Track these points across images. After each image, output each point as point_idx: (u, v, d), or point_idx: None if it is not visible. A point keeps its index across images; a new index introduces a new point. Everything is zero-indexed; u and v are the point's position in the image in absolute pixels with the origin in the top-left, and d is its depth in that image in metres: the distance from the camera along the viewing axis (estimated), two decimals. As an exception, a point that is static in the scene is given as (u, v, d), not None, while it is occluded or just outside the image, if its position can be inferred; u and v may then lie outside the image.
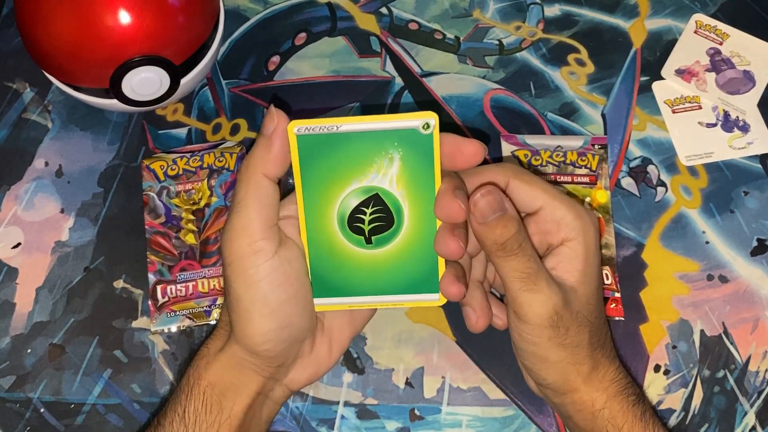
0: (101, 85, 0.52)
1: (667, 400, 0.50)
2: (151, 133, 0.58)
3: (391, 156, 0.38)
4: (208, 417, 0.41)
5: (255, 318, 0.40)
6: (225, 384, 0.42)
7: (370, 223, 0.40)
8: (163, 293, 0.52)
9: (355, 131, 0.38)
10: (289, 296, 0.40)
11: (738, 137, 0.57)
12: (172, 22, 0.51)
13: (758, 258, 0.54)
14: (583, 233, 0.42)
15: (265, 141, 0.39)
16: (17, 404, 0.50)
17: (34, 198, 0.56)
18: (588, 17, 0.63)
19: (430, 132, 0.38)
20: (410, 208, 0.40)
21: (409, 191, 0.39)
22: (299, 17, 0.63)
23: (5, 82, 0.60)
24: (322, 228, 0.40)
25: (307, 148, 0.38)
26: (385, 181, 0.39)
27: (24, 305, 0.53)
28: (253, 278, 0.39)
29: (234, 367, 0.42)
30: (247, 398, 0.42)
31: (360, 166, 0.39)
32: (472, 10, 0.63)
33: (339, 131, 0.38)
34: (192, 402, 0.42)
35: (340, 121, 0.38)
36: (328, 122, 0.38)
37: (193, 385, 0.42)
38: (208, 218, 0.54)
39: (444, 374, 0.51)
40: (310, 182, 0.39)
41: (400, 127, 0.38)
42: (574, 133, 0.58)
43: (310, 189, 0.39)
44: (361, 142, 0.38)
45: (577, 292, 0.41)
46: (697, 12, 0.62)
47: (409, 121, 0.37)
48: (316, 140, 0.38)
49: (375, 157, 0.39)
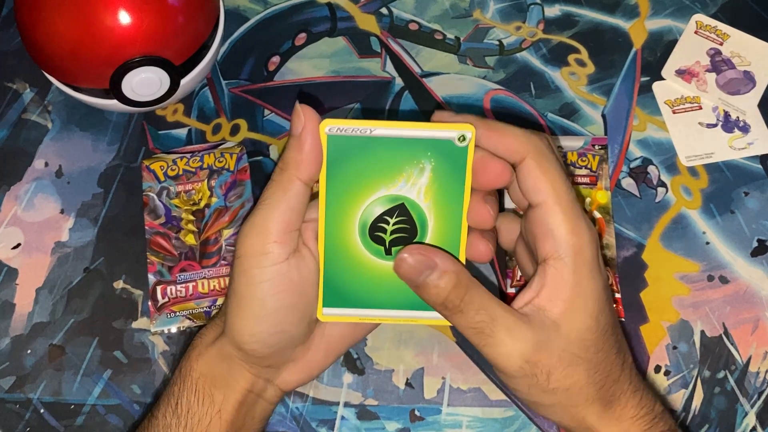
0: (101, 85, 0.52)
1: (668, 401, 0.50)
2: (151, 133, 0.58)
3: (422, 166, 0.37)
4: (200, 408, 0.41)
5: (248, 317, 0.39)
6: (215, 376, 0.41)
7: (392, 233, 0.39)
8: (163, 294, 0.52)
9: (388, 137, 0.37)
10: (288, 304, 0.39)
11: (738, 138, 0.57)
12: (172, 22, 0.51)
13: (759, 258, 0.53)
14: (575, 253, 0.36)
15: (295, 141, 0.37)
16: (17, 405, 0.50)
17: (34, 198, 0.56)
18: (588, 17, 0.62)
19: (465, 145, 0.36)
20: (435, 221, 0.38)
21: (437, 204, 0.38)
22: (299, 17, 0.63)
23: (5, 83, 0.60)
24: (342, 234, 0.39)
25: (336, 149, 0.37)
26: (413, 192, 0.38)
27: (24, 306, 0.53)
28: (256, 278, 0.38)
29: (224, 360, 0.41)
30: (238, 394, 0.42)
31: (389, 173, 0.37)
32: (473, 11, 0.63)
33: (372, 135, 0.37)
34: (184, 393, 0.41)
35: (374, 125, 0.36)
36: (362, 124, 0.36)
37: (186, 375, 0.42)
38: (208, 219, 0.54)
39: (444, 375, 0.51)
40: (335, 185, 0.38)
41: (436, 137, 0.36)
42: (575, 133, 0.58)
43: (334, 192, 0.38)
44: (393, 149, 0.37)
45: (561, 327, 0.36)
46: (697, 12, 0.62)
47: (446, 131, 0.36)
48: (347, 142, 0.37)
49: (406, 165, 0.37)
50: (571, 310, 0.36)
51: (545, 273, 0.36)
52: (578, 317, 0.36)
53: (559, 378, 0.37)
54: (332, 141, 0.37)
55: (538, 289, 0.37)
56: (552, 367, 0.36)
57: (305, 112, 0.36)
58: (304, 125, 0.36)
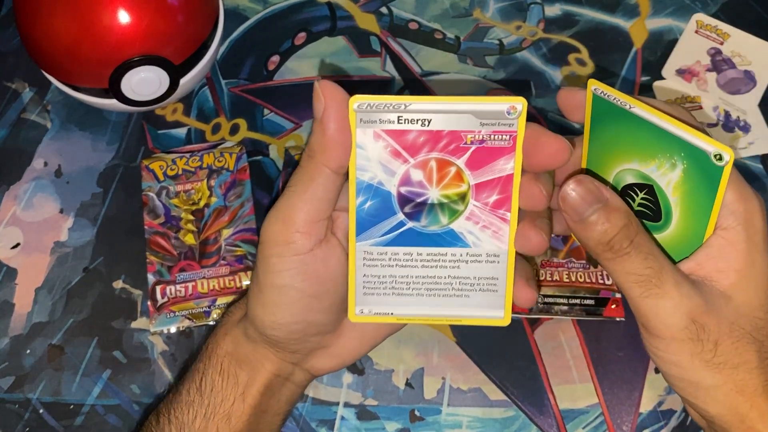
0: (100, 84, 0.52)
1: (668, 401, 0.50)
2: (151, 133, 0.58)
3: (674, 162, 0.34)
4: (224, 388, 0.40)
5: (267, 304, 0.37)
6: (240, 356, 0.41)
7: (638, 205, 0.36)
8: (163, 294, 0.52)
9: (646, 119, 0.34)
10: (313, 294, 0.37)
11: (739, 137, 0.57)
12: (171, 21, 0.51)
13: (759, 258, 0.53)
14: (746, 221, 0.32)
15: (318, 126, 0.34)
16: (16, 405, 0.50)
17: (33, 198, 0.56)
18: (589, 17, 0.62)
19: (722, 165, 0.32)
20: (680, 219, 0.35)
21: (683, 205, 0.35)
22: (299, 17, 0.63)
23: (4, 82, 0.60)
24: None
25: (598, 110, 0.35)
26: (662, 181, 0.35)
27: (23, 306, 0.53)
28: (275, 267, 0.36)
29: (249, 341, 0.40)
30: (263, 377, 0.41)
31: (643, 152, 0.35)
32: (473, 10, 0.63)
33: (631, 111, 0.34)
34: (209, 370, 0.41)
35: (629, 100, 0.34)
36: (621, 96, 0.34)
37: (212, 352, 0.41)
38: (207, 218, 0.54)
39: (444, 375, 0.51)
40: (595, 140, 0.37)
41: (693, 142, 0.33)
42: (575, 133, 0.58)
43: (593, 146, 0.37)
44: (650, 133, 0.34)
45: (732, 300, 0.32)
46: (697, 12, 0.62)
47: (704, 143, 0.33)
48: (608, 107, 0.35)
49: (659, 153, 0.34)
50: (745, 282, 0.33)
51: (710, 243, 0.33)
52: (751, 291, 0.33)
53: (728, 351, 0.32)
54: (596, 101, 0.35)
55: (701, 260, 0.33)
56: (721, 336, 0.32)
57: (325, 91, 0.33)
58: (324, 107, 0.33)
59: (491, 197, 0.36)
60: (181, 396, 0.41)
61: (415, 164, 0.36)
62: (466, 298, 0.38)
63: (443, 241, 0.37)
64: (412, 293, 0.38)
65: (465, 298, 0.38)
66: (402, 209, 0.36)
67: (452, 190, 0.36)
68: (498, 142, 0.35)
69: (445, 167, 0.36)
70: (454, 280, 0.38)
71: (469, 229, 0.37)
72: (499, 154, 0.35)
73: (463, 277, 0.38)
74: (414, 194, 0.36)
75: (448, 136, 0.35)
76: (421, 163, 0.36)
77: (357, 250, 0.37)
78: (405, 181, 0.36)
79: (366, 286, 0.38)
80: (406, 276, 0.38)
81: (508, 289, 0.38)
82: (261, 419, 0.42)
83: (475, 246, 0.37)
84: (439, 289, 0.38)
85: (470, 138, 0.35)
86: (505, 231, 0.36)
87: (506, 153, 0.35)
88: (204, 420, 0.40)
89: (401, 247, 0.37)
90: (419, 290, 0.38)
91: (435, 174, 0.36)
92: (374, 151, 0.35)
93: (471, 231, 0.37)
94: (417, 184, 0.36)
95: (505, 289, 0.38)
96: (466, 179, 0.36)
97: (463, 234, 0.37)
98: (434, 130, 0.35)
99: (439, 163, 0.35)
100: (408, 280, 0.38)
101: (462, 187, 0.36)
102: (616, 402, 0.50)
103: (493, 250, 0.37)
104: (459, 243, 0.37)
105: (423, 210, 0.36)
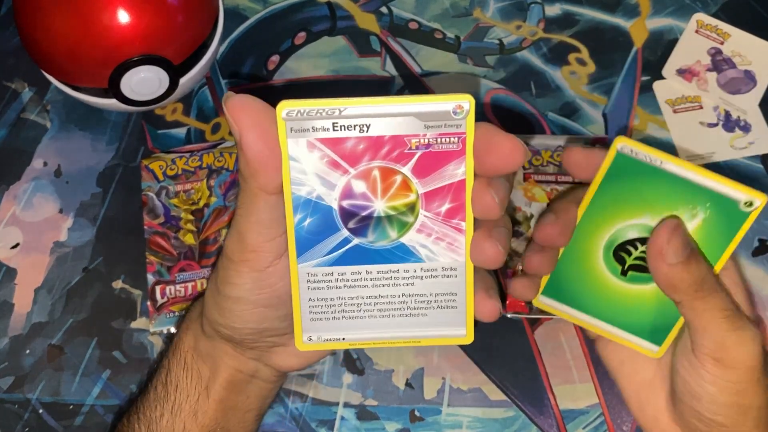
0: (100, 84, 0.52)
1: (668, 401, 0.50)
2: (150, 132, 0.58)
3: (695, 212, 0.35)
4: (188, 384, 0.41)
5: (223, 309, 0.37)
6: (202, 351, 0.41)
7: (636, 258, 0.38)
8: (162, 294, 0.52)
9: (675, 174, 0.35)
10: (267, 306, 0.36)
11: (739, 137, 0.57)
12: (171, 21, 0.51)
13: (760, 258, 0.53)
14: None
15: (240, 151, 0.32)
16: (16, 405, 0.50)
17: (33, 198, 0.56)
18: (589, 17, 0.62)
19: (749, 211, 0.34)
20: None
21: None
22: (299, 16, 0.63)
23: (4, 82, 0.60)
24: (587, 240, 0.38)
25: (619, 168, 0.36)
26: None
27: (23, 306, 0.53)
28: (232, 279, 0.36)
29: (207, 337, 0.41)
30: (225, 372, 0.41)
31: (660, 207, 0.36)
32: (473, 10, 0.63)
33: (661, 167, 0.35)
34: (174, 366, 0.41)
35: (661, 156, 0.35)
36: (653, 153, 0.35)
37: (175, 347, 0.42)
38: (207, 218, 0.54)
39: (444, 375, 0.51)
40: (602, 197, 0.37)
41: (723, 192, 0.34)
42: (575, 133, 0.58)
43: (598, 202, 0.37)
44: (675, 187, 0.35)
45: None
46: (698, 11, 0.62)
47: (735, 191, 0.34)
48: (633, 165, 0.35)
49: (680, 205, 0.36)
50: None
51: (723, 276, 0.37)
52: None
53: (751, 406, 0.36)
54: (619, 158, 0.36)
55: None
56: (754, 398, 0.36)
57: (236, 111, 0.31)
58: (239, 130, 0.31)
59: (443, 206, 0.33)
60: (149, 393, 0.42)
61: (357, 175, 0.33)
62: (424, 317, 0.35)
63: (394, 257, 0.34)
64: (364, 315, 0.35)
65: (422, 317, 0.35)
66: (346, 225, 0.34)
67: (399, 200, 0.33)
68: (446, 146, 0.32)
69: (389, 176, 0.33)
70: (409, 298, 0.35)
71: (421, 243, 0.34)
72: (448, 158, 0.32)
73: (418, 294, 0.35)
74: (358, 207, 0.33)
75: (390, 142, 0.32)
76: (362, 173, 0.33)
77: (299, 273, 0.34)
78: (347, 194, 0.33)
79: (313, 311, 0.35)
80: (355, 297, 0.35)
81: (469, 304, 0.35)
82: (230, 416, 0.42)
83: (430, 260, 0.34)
84: (393, 310, 0.35)
85: (415, 143, 0.32)
86: (461, 242, 0.34)
87: (456, 157, 0.32)
88: (171, 416, 0.40)
89: (348, 266, 0.35)
90: (371, 312, 0.35)
91: (379, 184, 0.33)
92: (309, 163, 0.33)
93: (423, 244, 0.34)
94: (360, 197, 0.33)
95: (465, 305, 0.35)
96: (414, 188, 0.33)
97: (415, 248, 0.34)
98: (374, 136, 0.32)
99: (382, 172, 0.33)
100: (358, 302, 0.35)
101: (410, 197, 0.33)
102: (617, 402, 0.50)
103: (449, 264, 0.34)
104: (411, 258, 0.34)
105: (369, 224, 0.34)
